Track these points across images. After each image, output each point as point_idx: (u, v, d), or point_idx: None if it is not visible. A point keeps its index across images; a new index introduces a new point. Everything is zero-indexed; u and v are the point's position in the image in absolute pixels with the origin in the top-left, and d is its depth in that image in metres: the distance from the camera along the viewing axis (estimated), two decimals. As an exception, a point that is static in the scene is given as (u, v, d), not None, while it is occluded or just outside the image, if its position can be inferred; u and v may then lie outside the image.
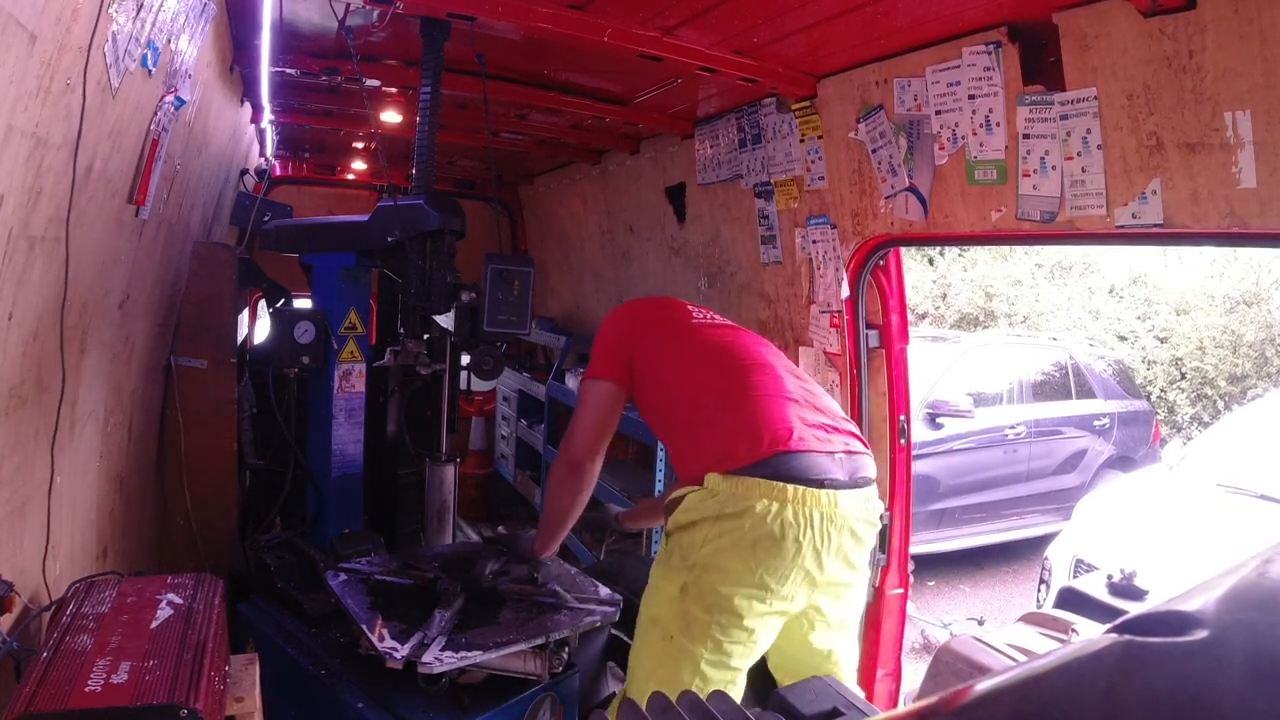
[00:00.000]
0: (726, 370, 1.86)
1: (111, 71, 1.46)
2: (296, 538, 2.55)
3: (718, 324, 2.03)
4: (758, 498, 1.60)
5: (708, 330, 1.98)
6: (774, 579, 1.59)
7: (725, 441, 1.71)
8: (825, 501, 1.61)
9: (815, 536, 1.60)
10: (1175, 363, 9.24)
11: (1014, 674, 0.47)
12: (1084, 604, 2.42)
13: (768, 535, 1.58)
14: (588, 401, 1.95)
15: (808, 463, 1.65)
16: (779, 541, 1.58)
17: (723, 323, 2.05)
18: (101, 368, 2.01)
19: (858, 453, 1.77)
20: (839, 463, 1.70)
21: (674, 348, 1.93)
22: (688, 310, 2.04)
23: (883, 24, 2.09)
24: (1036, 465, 6.05)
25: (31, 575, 1.54)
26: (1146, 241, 1.84)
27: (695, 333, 1.96)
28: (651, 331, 1.97)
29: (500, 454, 5.46)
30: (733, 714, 0.69)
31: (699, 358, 1.91)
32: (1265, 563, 0.46)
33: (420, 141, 2.38)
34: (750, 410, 1.75)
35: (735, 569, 1.60)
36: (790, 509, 1.59)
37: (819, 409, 1.81)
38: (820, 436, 1.72)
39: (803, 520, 1.59)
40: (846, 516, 1.64)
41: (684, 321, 1.99)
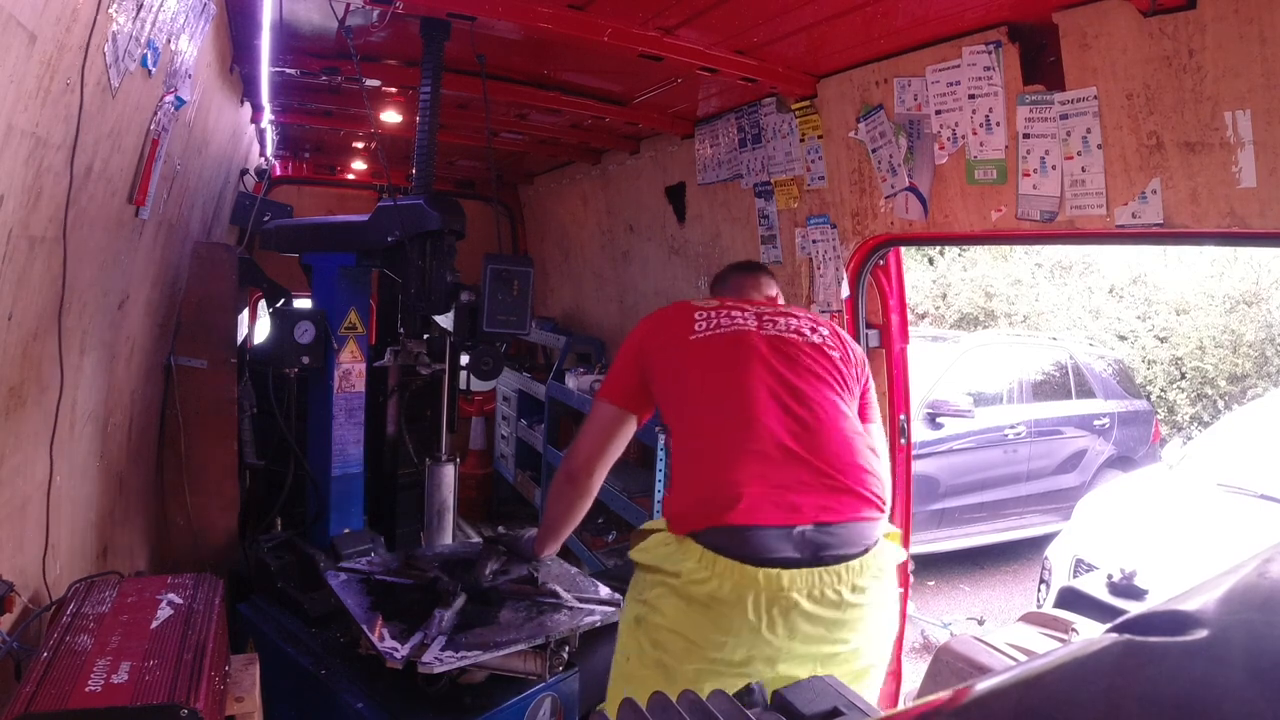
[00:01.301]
0: (712, 410, 1.68)
1: (111, 71, 1.46)
2: (296, 538, 2.56)
3: (723, 334, 1.76)
4: (693, 561, 1.52)
5: (709, 348, 1.75)
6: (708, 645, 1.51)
7: (682, 495, 1.63)
8: (762, 580, 1.48)
9: (750, 613, 1.48)
10: (1175, 362, 9.24)
11: (1014, 674, 0.47)
12: (1084, 604, 2.41)
13: (698, 602, 1.51)
14: (592, 420, 1.87)
15: (752, 539, 1.50)
16: (707, 609, 1.50)
17: (730, 329, 1.76)
18: (101, 368, 2.01)
19: (839, 521, 1.54)
20: (796, 538, 1.51)
21: (674, 372, 1.77)
22: (692, 320, 1.80)
23: (883, 24, 2.09)
24: (1036, 465, 6.05)
25: (31, 575, 1.54)
26: (1146, 241, 1.84)
27: (693, 353, 1.76)
28: (659, 352, 1.80)
29: (500, 454, 5.46)
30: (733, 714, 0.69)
31: (691, 386, 1.74)
32: (1265, 563, 0.46)
33: (420, 141, 2.38)
34: (712, 467, 1.60)
35: (675, 622, 1.54)
36: (717, 581, 1.49)
37: (807, 458, 1.58)
38: (788, 504, 1.53)
39: (729, 593, 1.49)
40: (793, 596, 1.49)
41: (684, 338, 1.78)
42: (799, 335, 1.77)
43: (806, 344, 1.75)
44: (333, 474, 2.60)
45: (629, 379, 1.81)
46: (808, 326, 1.80)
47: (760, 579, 1.47)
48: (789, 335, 1.76)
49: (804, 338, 1.76)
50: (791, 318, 1.81)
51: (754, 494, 1.53)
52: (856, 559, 1.53)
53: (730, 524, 1.51)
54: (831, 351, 1.76)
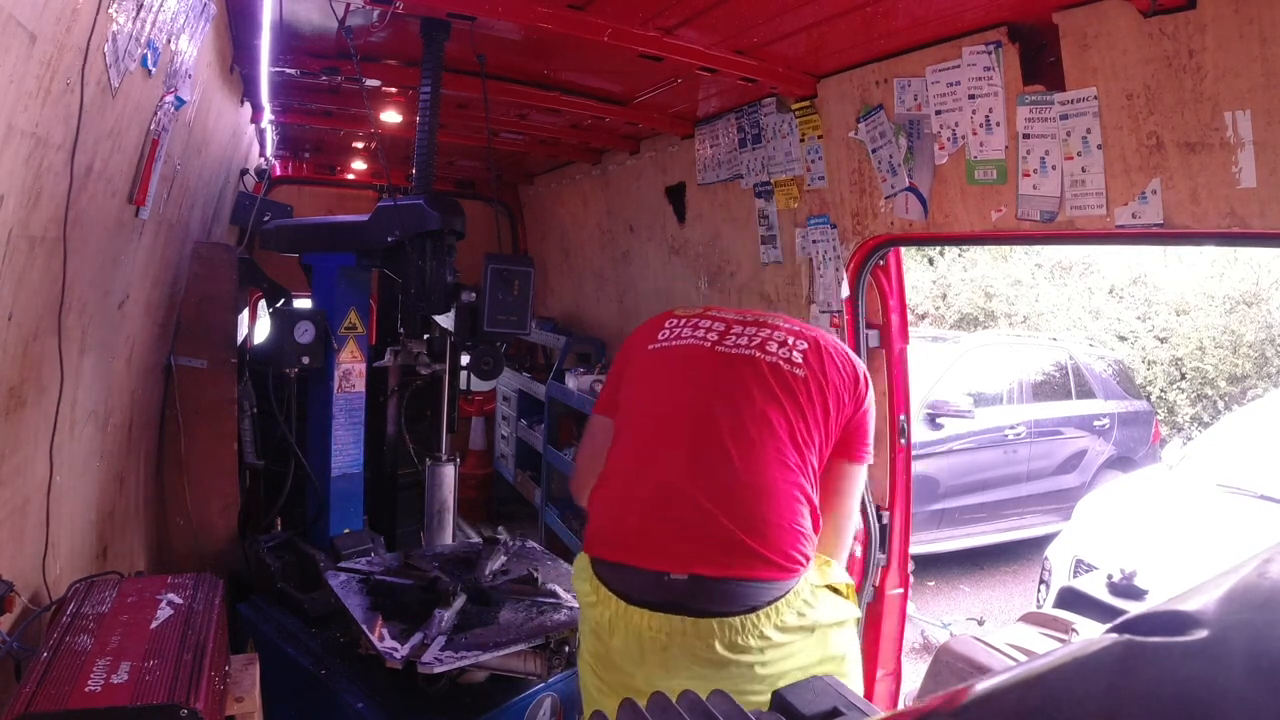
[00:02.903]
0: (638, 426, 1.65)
1: (111, 71, 1.46)
2: (296, 538, 2.56)
3: (676, 347, 1.66)
4: (586, 583, 1.57)
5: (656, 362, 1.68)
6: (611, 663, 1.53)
7: (592, 515, 1.63)
8: (636, 619, 1.47)
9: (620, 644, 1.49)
10: (1175, 363, 9.23)
11: (1014, 674, 0.47)
12: (1084, 604, 2.41)
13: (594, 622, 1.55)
14: (586, 435, 1.85)
15: (625, 577, 1.51)
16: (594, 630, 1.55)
17: (687, 343, 1.66)
18: (101, 368, 2.01)
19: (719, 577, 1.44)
20: (666, 586, 1.45)
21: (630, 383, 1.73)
22: (659, 329, 1.73)
23: (883, 24, 2.09)
24: (1036, 465, 6.05)
25: (31, 575, 1.54)
26: (1146, 241, 1.84)
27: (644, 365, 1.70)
28: (630, 363, 1.76)
29: (500, 454, 5.46)
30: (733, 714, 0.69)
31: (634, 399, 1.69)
32: (1265, 563, 0.46)
33: (420, 141, 2.38)
34: (614, 495, 1.60)
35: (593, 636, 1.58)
36: (599, 609, 1.53)
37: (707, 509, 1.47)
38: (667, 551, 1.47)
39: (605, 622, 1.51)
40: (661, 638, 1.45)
41: (644, 348, 1.71)
42: (759, 352, 1.60)
43: (768, 364, 1.58)
44: (333, 474, 2.61)
45: (612, 390, 1.78)
46: (777, 342, 1.62)
47: (631, 616, 1.48)
48: (745, 353, 1.60)
49: (767, 356, 1.59)
50: (764, 328, 1.66)
51: (636, 533, 1.52)
52: (737, 616, 1.43)
53: (608, 559, 1.54)
54: (795, 372, 1.57)
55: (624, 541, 1.53)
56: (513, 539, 2.42)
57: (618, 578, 1.52)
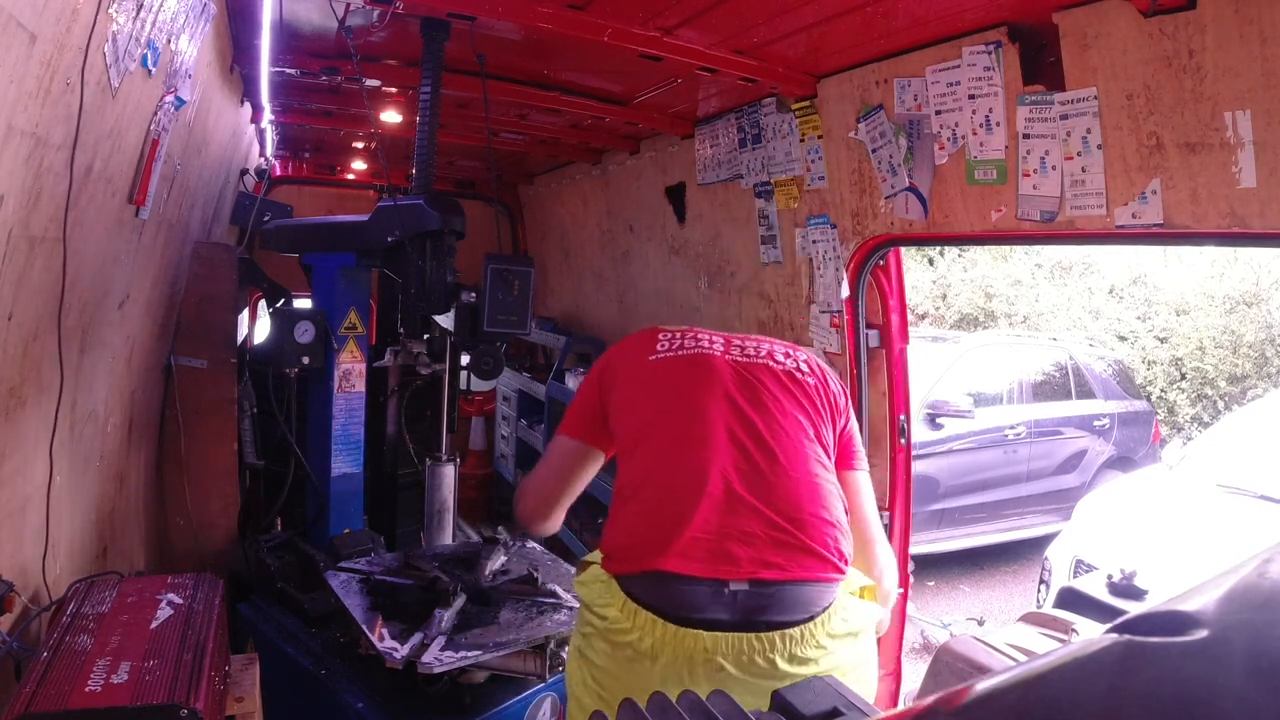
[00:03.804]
0: (659, 440, 1.55)
1: (111, 71, 1.46)
2: (296, 538, 2.56)
3: (683, 356, 1.62)
4: (616, 609, 1.42)
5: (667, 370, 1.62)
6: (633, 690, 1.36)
7: (618, 531, 1.51)
8: (686, 641, 1.36)
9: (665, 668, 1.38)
10: (1175, 363, 9.23)
11: (1014, 674, 0.47)
12: (1084, 604, 2.41)
13: (620, 649, 1.42)
14: (548, 456, 1.71)
15: (675, 591, 1.39)
16: (628, 661, 1.41)
17: (691, 352, 1.62)
18: (101, 368, 2.01)
19: (781, 580, 1.39)
20: (728, 599, 1.38)
21: (629, 394, 1.63)
22: (655, 341, 1.67)
23: (883, 24, 2.09)
24: (1036, 465, 6.05)
25: (31, 575, 1.54)
26: (1146, 241, 1.84)
27: (650, 375, 1.62)
28: (618, 376, 1.67)
29: (500, 454, 5.46)
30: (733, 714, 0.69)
31: (643, 410, 1.60)
32: (1265, 563, 0.46)
33: (420, 141, 2.38)
34: (651, 504, 1.48)
35: (603, 663, 1.45)
36: (638, 635, 1.39)
37: (755, 504, 1.44)
38: (725, 554, 1.40)
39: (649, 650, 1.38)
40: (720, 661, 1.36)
41: (643, 359, 1.64)
42: (770, 361, 1.61)
43: (781, 371, 1.59)
44: (333, 474, 2.61)
45: (589, 409, 1.66)
46: (781, 353, 1.64)
47: (682, 639, 1.36)
48: (758, 361, 1.60)
49: (777, 364, 1.60)
50: (764, 343, 1.67)
51: (689, 539, 1.41)
52: (798, 626, 1.38)
53: (658, 570, 1.40)
54: (806, 379, 1.59)
55: (673, 550, 1.41)
56: (513, 539, 2.42)
57: (668, 595, 1.39)
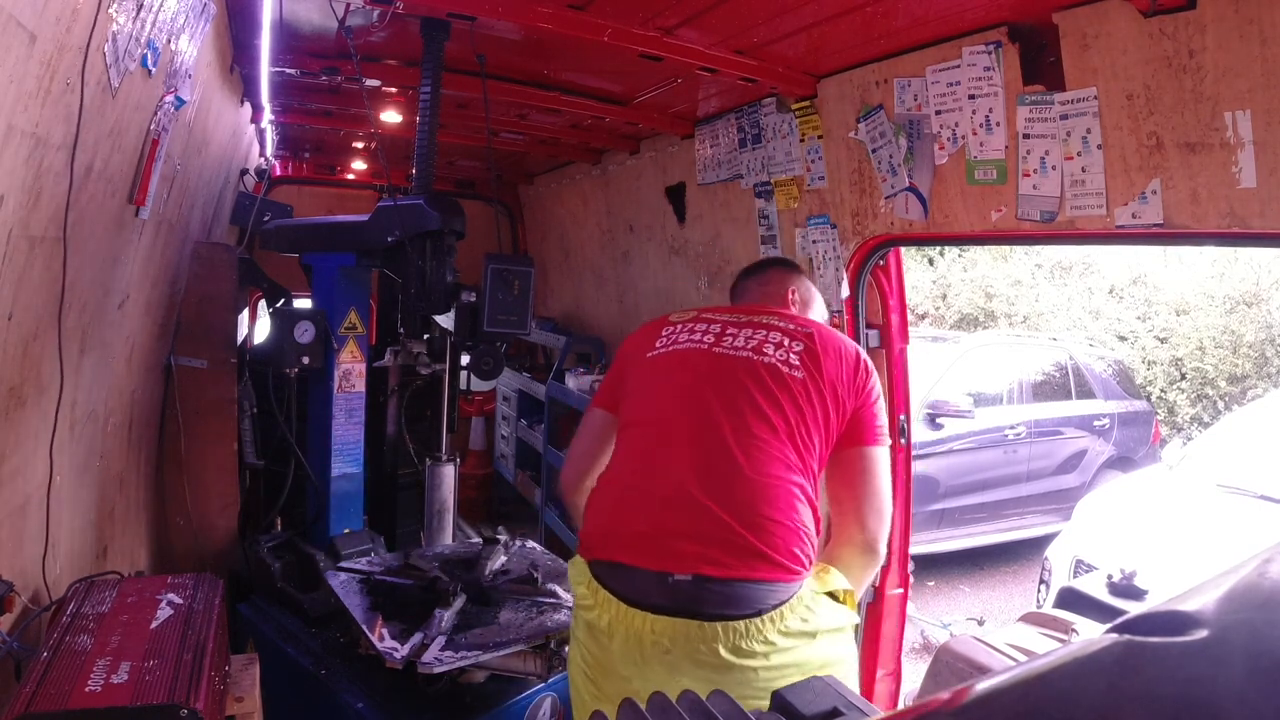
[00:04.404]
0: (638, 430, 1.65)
1: (111, 71, 1.46)
2: (296, 538, 2.56)
3: (674, 351, 1.67)
4: (582, 586, 1.55)
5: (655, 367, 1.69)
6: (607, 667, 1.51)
7: (590, 518, 1.63)
8: (639, 622, 1.45)
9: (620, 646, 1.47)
10: (1175, 363, 9.23)
11: (1014, 674, 0.47)
12: (1084, 604, 2.41)
13: (586, 626, 1.54)
14: (581, 427, 1.84)
15: (627, 579, 1.49)
16: (593, 635, 1.52)
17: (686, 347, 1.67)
18: (101, 368, 2.01)
19: (724, 578, 1.43)
20: (670, 588, 1.44)
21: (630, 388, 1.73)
22: (657, 336, 1.73)
23: (883, 24, 2.09)
24: (1036, 465, 6.05)
25: (31, 575, 1.54)
26: (1146, 241, 1.84)
27: (643, 371, 1.71)
28: (629, 365, 1.77)
29: (500, 454, 5.46)
30: (732, 714, 0.69)
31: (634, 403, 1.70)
32: (1265, 563, 0.46)
33: (420, 141, 2.38)
34: (613, 496, 1.60)
35: (584, 642, 1.55)
36: (597, 612, 1.50)
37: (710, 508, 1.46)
38: (670, 551, 1.46)
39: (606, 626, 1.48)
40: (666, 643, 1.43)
41: (643, 355, 1.72)
42: (757, 355, 1.60)
43: (764, 366, 1.57)
44: (333, 474, 2.60)
45: (613, 387, 1.78)
46: (774, 343, 1.61)
47: (633, 619, 1.45)
48: (743, 355, 1.60)
49: (764, 358, 1.59)
50: (759, 329, 1.65)
51: (638, 533, 1.50)
52: (741, 620, 1.41)
53: (610, 560, 1.52)
54: (794, 374, 1.57)
55: (625, 543, 1.51)
56: (513, 539, 2.42)
57: (618, 579, 1.50)
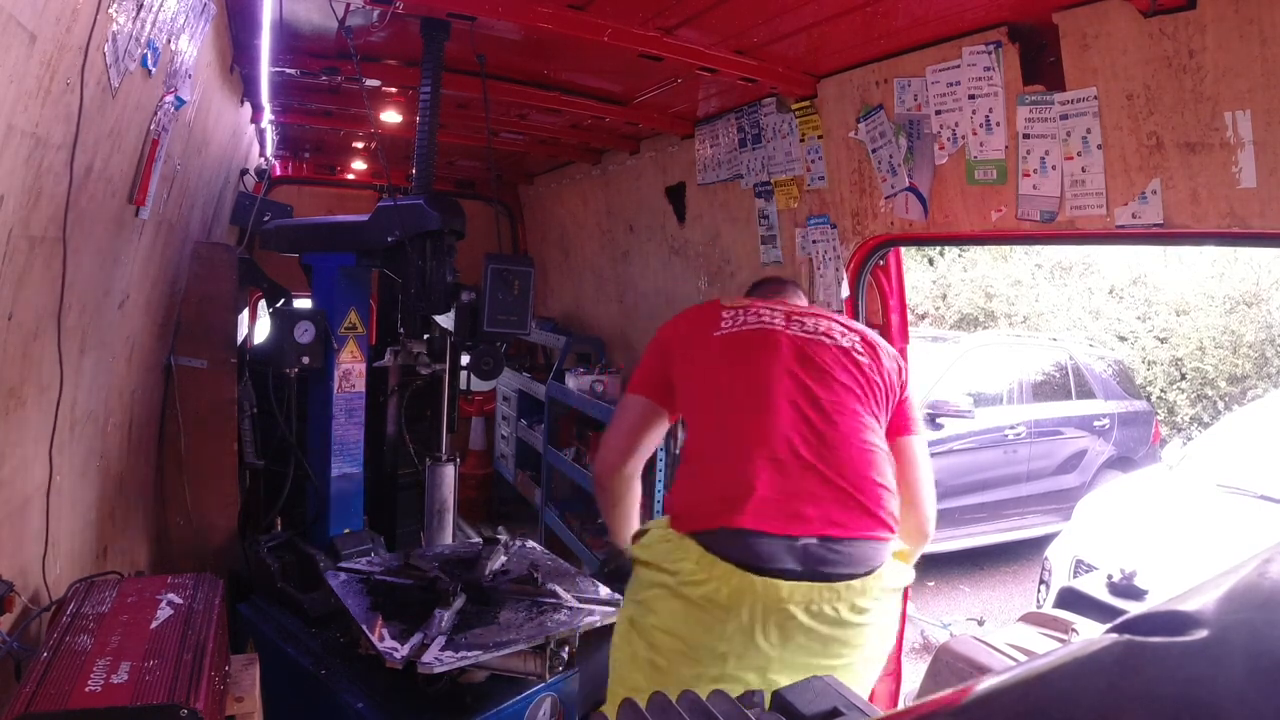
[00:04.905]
0: (728, 407, 1.64)
1: (111, 71, 1.46)
2: (296, 538, 2.56)
3: (748, 330, 1.71)
4: (691, 563, 1.48)
5: (733, 343, 1.71)
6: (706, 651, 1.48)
7: (687, 493, 1.59)
8: (761, 588, 1.43)
9: (744, 618, 1.45)
10: (1175, 363, 9.23)
11: (1014, 674, 0.47)
12: (1084, 604, 2.41)
13: (695, 604, 1.48)
14: (617, 413, 1.82)
15: (749, 543, 1.46)
16: (702, 612, 1.47)
17: (756, 326, 1.71)
18: (101, 368, 2.01)
19: (843, 538, 1.49)
20: (798, 551, 1.46)
21: (696, 366, 1.73)
22: (719, 317, 1.76)
23: (883, 24, 2.09)
24: (1036, 465, 6.05)
25: (31, 575, 1.54)
26: (1146, 241, 1.84)
27: (719, 346, 1.71)
28: (683, 347, 1.77)
29: (500, 454, 5.46)
30: (733, 714, 0.69)
31: (711, 382, 1.70)
32: (1265, 563, 0.46)
33: (420, 141, 2.38)
34: (720, 468, 1.57)
35: (669, 624, 1.51)
36: (714, 584, 1.45)
37: (820, 468, 1.53)
38: (790, 511, 1.49)
39: (726, 599, 1.45)
40: (791, 609, 1.45)
41: (708, 334, 1.73)
42: (828, 338, 1.69)
43: (836, 348, 1.68)
44: (333, 474, 2.60)
45: (654, 374, 1.78)
46: (838, 330, 1.72)
47: (758, 587, 1.43)
48: (817, 337, 1.69)
49: (833, 341, 1.69)
50: (822, 319, 1.75)
51: (760, 499, 1.49)
52: (859, 579, 1.47)
53: (733, 527, 1.47)
54: (860, 358, 1.68)
55: (749, 509, 1.49)
56: (513, 539, 2.42)
57: (743, 547, 1.46)
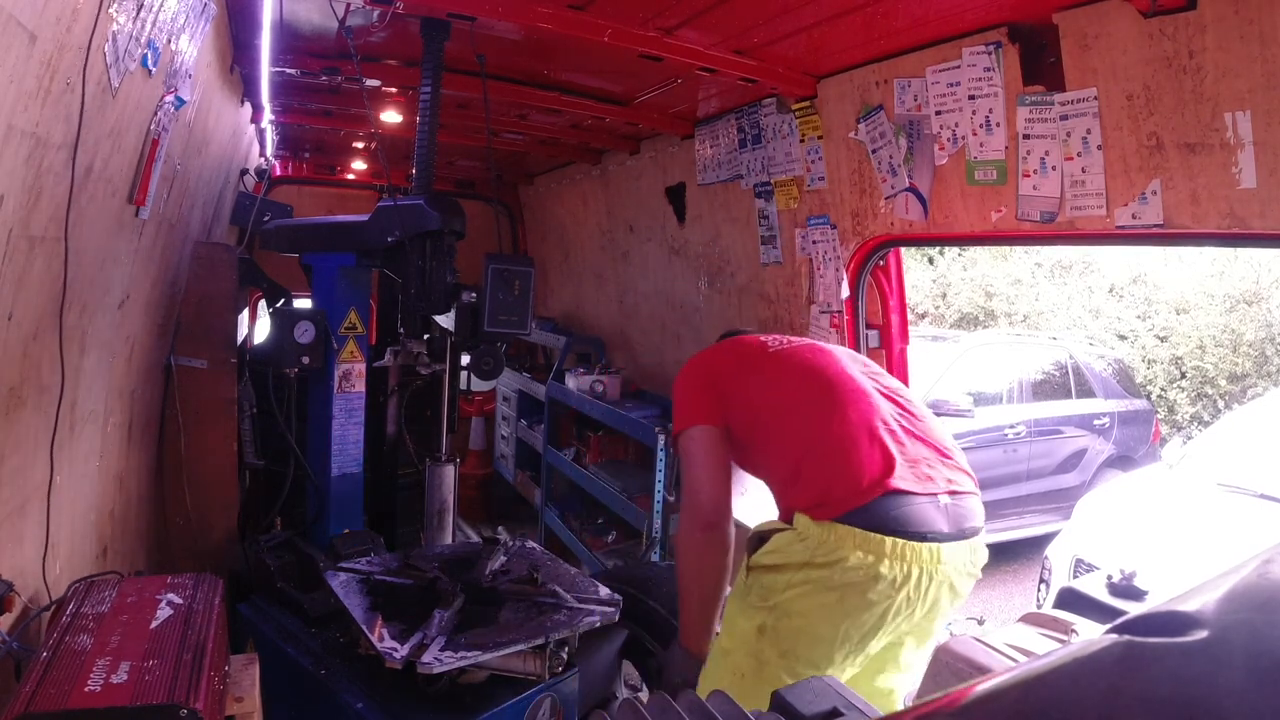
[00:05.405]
0: (819, 400, 1.72)
1: (111, 71, 1.46)
2: (296, 538, 2.55)
3: (797, 345, 1.91)
4: (851, 549, 1.49)
5: (791, 355, 1.86)
6: (858, 633, 1.51)
7: (820, 482, 1.59)
8: (927, 556, 1.50)
9: (910, 591, 1.50)
10: (1175, 362, 9.24)
11: (1014, 674, 0.47)
12: (1084, 604, 2.41)
13: (857, 589, 1.49)
14: (692, 452, 1.77)
15: (909, 510, 1.53)
16: (866, 596, 1.49)
17: (803, 343, 1.93)
18: (101, 368, 2.01)
19: (963, 493, 1.62)
20: (943, 510, 1.56)
21: (759, 381, 1.82)
22: (761, 341, 1.93)
23: (883, 24, 2.09)
24: (1036, 465, 6.05)
25: (31, 575, 1.54)
26: (1146, 242, 1.84)
27: (778, 361, 1.85)
28: (732, 371, 1.85)
29: (500, 454, 5.46)
30: (733, 714, 0.69)
31: (788, 387, 1.78)
32: (1265, 563, 0.46)
33: (420, 141, 2.38)
34: (846, 447, 1.62)
35: (818, 619, 1.52)
36: (886, 563, 1.49)
37: (921, 438, 1.67)
38: (922, 474, 1.59)
39: (899, 575, 1.49)
40: (947, 571, 1.54)
41: (762, 352, 1.87)
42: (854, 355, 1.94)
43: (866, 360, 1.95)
44: (333, 474, 2.60)
45: (713, 403, 1.80)
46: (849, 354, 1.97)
47: (924, 555, 1.51)
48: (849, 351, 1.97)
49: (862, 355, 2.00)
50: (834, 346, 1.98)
51: (900, 464, 1.58)
52: (979, 536, 1.63)
53: (892, 490, 1.54)
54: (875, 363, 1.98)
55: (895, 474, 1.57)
56: (513, 539, 2.42)
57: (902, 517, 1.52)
